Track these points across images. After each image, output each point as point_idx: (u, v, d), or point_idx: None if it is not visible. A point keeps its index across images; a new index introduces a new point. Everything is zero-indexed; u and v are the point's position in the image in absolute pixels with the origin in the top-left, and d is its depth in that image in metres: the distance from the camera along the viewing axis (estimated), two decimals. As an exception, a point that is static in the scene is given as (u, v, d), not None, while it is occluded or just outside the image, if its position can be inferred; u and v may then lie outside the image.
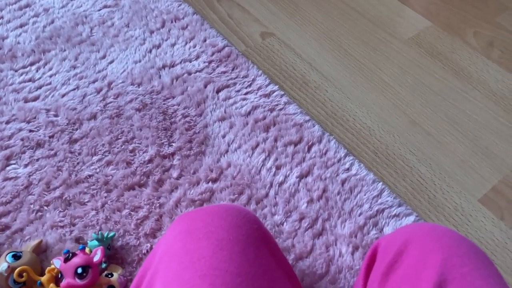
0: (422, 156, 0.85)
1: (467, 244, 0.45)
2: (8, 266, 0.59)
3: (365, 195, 0.76)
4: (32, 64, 0.94)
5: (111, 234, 0.67)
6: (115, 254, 0.68)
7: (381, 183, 0.78)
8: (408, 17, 1.14)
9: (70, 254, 0.59)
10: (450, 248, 0.44)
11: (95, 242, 0.65)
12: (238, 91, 0.91)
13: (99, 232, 0.68)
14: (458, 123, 0.91)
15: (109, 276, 0.62)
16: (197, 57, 0.97)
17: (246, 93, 0.91)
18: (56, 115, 0.85)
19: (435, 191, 0.80)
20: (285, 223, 0.73)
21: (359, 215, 0.74)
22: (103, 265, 0.64)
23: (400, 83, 0.98)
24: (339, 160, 0.81)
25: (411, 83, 0.98)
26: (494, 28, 1.11)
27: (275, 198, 0.76)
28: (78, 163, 0.78)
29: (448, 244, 0.44)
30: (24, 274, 0.59)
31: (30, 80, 0.91)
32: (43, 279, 0.59)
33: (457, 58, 1.04)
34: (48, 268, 0.60)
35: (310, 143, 0.83)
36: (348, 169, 0.80)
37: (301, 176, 0.79)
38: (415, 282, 0.42)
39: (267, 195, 0.76)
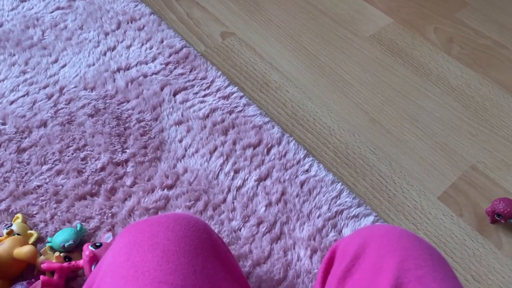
0: (382, 155, 0.85)
1: (423, 245, 0.45)
2: None
3: (324, 196, 0.75)
4: (-21, 70, 0.90)
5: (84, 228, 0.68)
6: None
7: (340, 183, 0.78)
8: (369, 14, 1.14)
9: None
10: (406, 250, 0.44)
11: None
12: (196, 93, 0.89)
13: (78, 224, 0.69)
14: (418, 120, 0.91)
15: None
16: (154, 59, 0.94)
17: (205, 96, 0.89)
18: (3, 123, 0.81)
19: (395, 189, 0.80)
20: (242, 229, 0.71)
21: (318, 217, 0.73)
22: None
23: (360, 81, 0.97)
24: (298, 162, 0.80)
25: (372, 81, 0.97)
26: (454, 24, 1.12)
27: (233, 203, 0.74)
28: (26, 173, 0.75)
29: (404, 247, 0.44)
30: None
31: (-24, 87, 0.87)
32: None
33: (418, 55, 1.04)
34: None
35: (269, 145, 0.82)
36: (307, 171, 0.79)
37: (260, 180, 0.77)
38: (371, 286, 0.42)
39: (224, 200, 0.74)
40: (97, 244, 0.62)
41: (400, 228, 0.49)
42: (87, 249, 0.61)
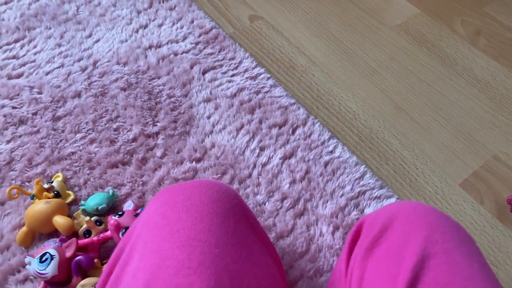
0: (406, 141, 0.86)
1: (450, 222, 0.46)
2: None
3: (347, 177, 0.77)
4: (16, 41, 0.93)
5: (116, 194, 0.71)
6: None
7: (363, 165, 0.79)
8: (396, 4, 1.14)
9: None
10: (434, 225, 0.44)
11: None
12: (225, 73, 0.91)
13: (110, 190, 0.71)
14: (442, 109, 0.92)
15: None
16: (184, 38, 0.97)
17: (233, 75, 0.91)
18: (40, 93, 0.84)
19: (417, 175, 0.81)
20: (267, 203, 0.73)
21: (341, 196, 0.74)
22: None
23: (386, 69, 0.98)
24: (322, 143, 0.82)
25: (397, 69, 0.98)
26: (482, 17, 1.12)
27: (258, 178, 0.76)
28: (61, 140, 0.78)
29: (432, 221, 0.45)
30: None
31: (14, 57, 0.90)
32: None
33: (444, 46, 1.04)
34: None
35: (294, 126, 0.84)
36: (331, 152, 0.80)
37: (285, 158, 0.79)
38: (398, 256, 0.43)
39: (250, 175, 0.76)
40: (120, 213, 0.65)
41: (427, 205, 0.51)
42: (111, 219, 0.64)
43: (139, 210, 0.68)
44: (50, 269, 0.56)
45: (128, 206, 0.69)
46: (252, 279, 0.44)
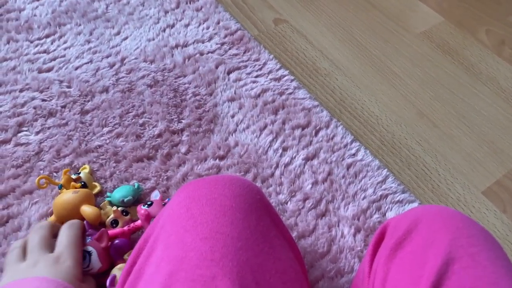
0: (428, 147, 0.86)
1: (477, 227, 0.45)
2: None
3: (369, 180, 0.77)
4: (47, 36, 0.96)
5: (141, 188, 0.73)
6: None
7: (386, 169, 0.79)
8: (421, 11, 1.15)
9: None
10: (460, 229, 0.44)
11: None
12: (249, 73, 0.92)
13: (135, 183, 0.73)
14: (466, 117, 0.91)
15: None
16: (210, 38, 0.98)
17: (257, 76, 0.92)
18: (69, 86, 0.86)
19: (439, 181, 0.81)
20: (289, 202, 0.74)
21: (363, 199, 0.75)
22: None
23: (409, 75, 0.98)
24: (345, 146, 0.82)
25: (421, 76, 0.98)
26: (506, 27, 1.12)
27: (281, 178, 0.77)
28: (88, 133, 0.79)
29: (458, 226, 0.44)
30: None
31: (44, 52, 0.93)
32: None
33: (468, 54, 1.04)
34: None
35: (317, 128, 0.84)
36: (354, 155, 0.81)
37: (307, 159, 0.79)
38: (422, 259, 0.43)
39: (272, 174, 0.77)
40: (148, 202, 0.66)
41: (453, 209, 0.50)
42: (141, 209, 0.65)
43: (166, 200, 0.69)
44: (94, 264, 0.57)
45: (155, 196, 0.70)
46: (274, 273, 0.44)
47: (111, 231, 0.63)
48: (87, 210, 0.63)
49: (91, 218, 0.63)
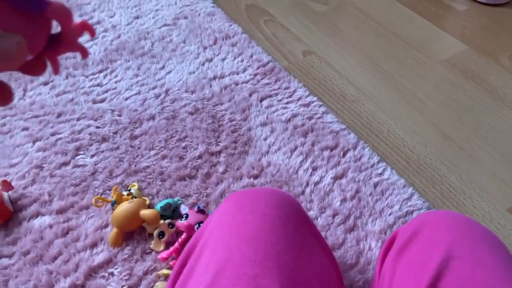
0: (453, 167, 0.89)
1: (480, 228, 0.48)
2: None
3: (395, 197, 0.82)
4: (100, 71, 1.08)
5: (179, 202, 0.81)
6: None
7: (411, 188, 0.83)
8: (443, 40, 1.20)
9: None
10: (463, 230, 0.47)
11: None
12: (280, 100, 1.00)
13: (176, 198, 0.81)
14: (489, 139, 0.95)
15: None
16: (244, 70, 1.07)
17: (287, 103, 1.00)
18: (119, 115, 0.97)
19: (464, 199, 0.84)
20: (319, 218, 0.79)
21: (389, 215, 0.79)
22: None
23: (433, 100, 1.03)
24: (372, 165, 0.87)
25: (445, 101, 1.03)
26: (530, 52, 1.15)
27: (311, 195, 0.82)
28: (137, 156, 0.89)
29: (462, 226, 0.47)
30: None
31: (98, 85, 1.04)
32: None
33: (491, 79, 1.08)
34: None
35: (345, 149, 0.90)
36: (380, 174, 0.86)
37: (336, 178, 0.85)
38: (425, 257, 0.46)
39: (303, 192, 0.83)
40: (184, 216, 0.75)
41: (459, 213, 0.54)
42: (181, 223, 0.73)
43: (195, 207, 0.77)
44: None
45: (184, 209, 0.78)
46: (311, 275, 0.49)
47: (168, 253, 0.70)
48: (146, 212, 0.72)
49: (152, 218, 0.71)
